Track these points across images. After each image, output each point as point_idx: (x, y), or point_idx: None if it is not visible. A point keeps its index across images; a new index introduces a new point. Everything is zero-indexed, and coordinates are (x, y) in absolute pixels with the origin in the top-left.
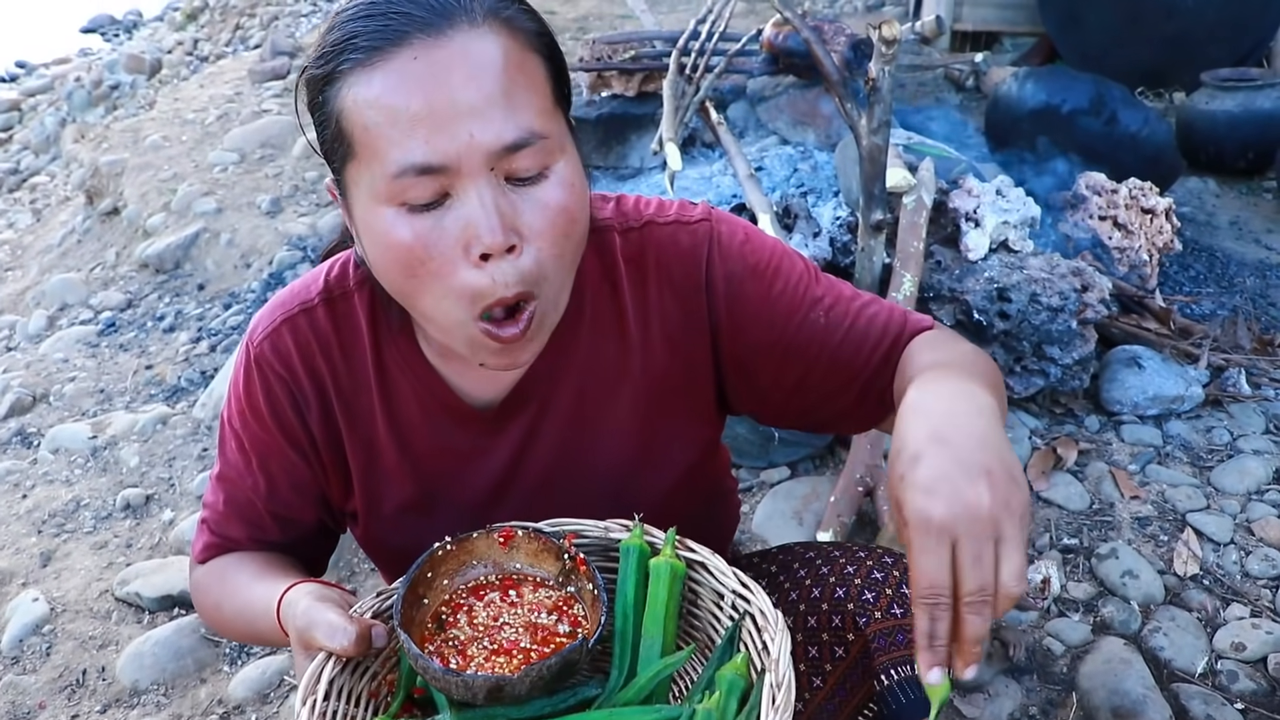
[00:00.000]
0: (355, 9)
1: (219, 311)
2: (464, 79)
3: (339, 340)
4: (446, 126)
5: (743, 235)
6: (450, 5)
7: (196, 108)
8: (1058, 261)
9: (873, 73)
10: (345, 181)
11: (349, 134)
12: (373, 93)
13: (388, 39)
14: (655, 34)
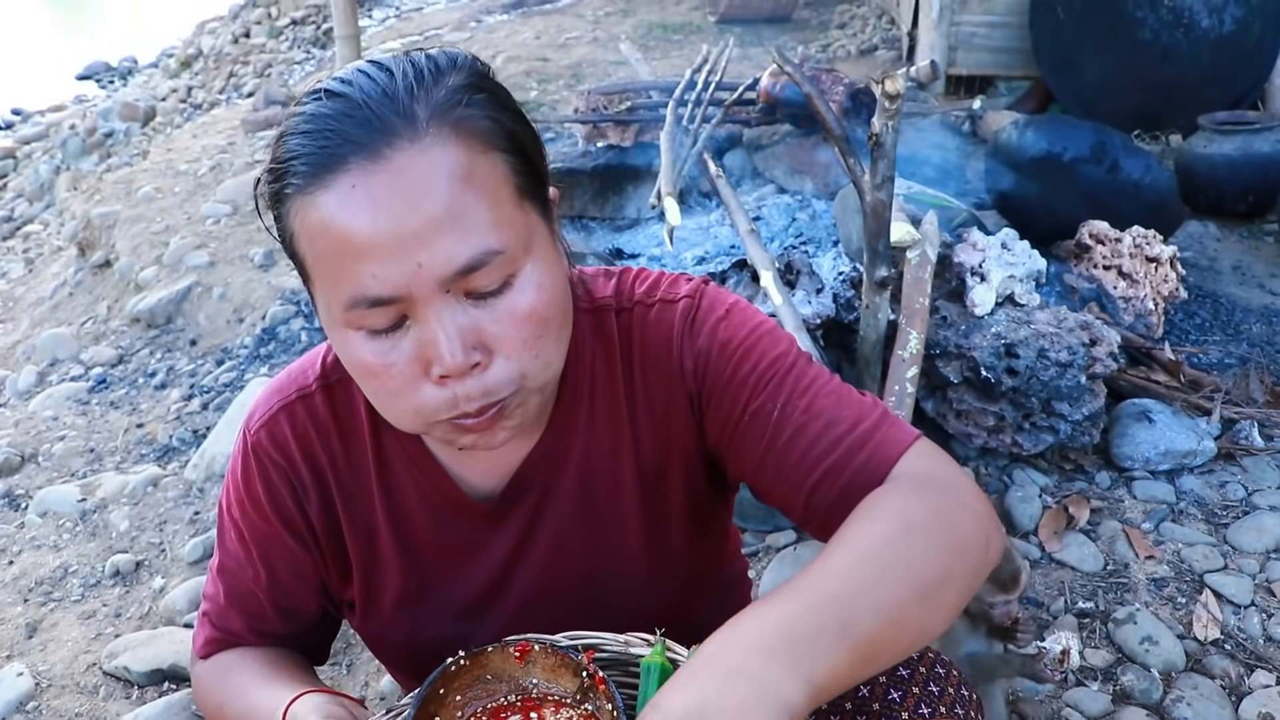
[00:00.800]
0: (299, 120)
1: (211, 368)
2: (406, 206)
3: (338, 428)
4: (393, 258)
5: (723, 312)
6: (389, 120)
7: (189, 158)
8: (1065, 315)
9: (876, 128)
10: (310, 292)
11: (302, 258)
12: (315, 223)
13: (325, 164)
14: (651, 84)
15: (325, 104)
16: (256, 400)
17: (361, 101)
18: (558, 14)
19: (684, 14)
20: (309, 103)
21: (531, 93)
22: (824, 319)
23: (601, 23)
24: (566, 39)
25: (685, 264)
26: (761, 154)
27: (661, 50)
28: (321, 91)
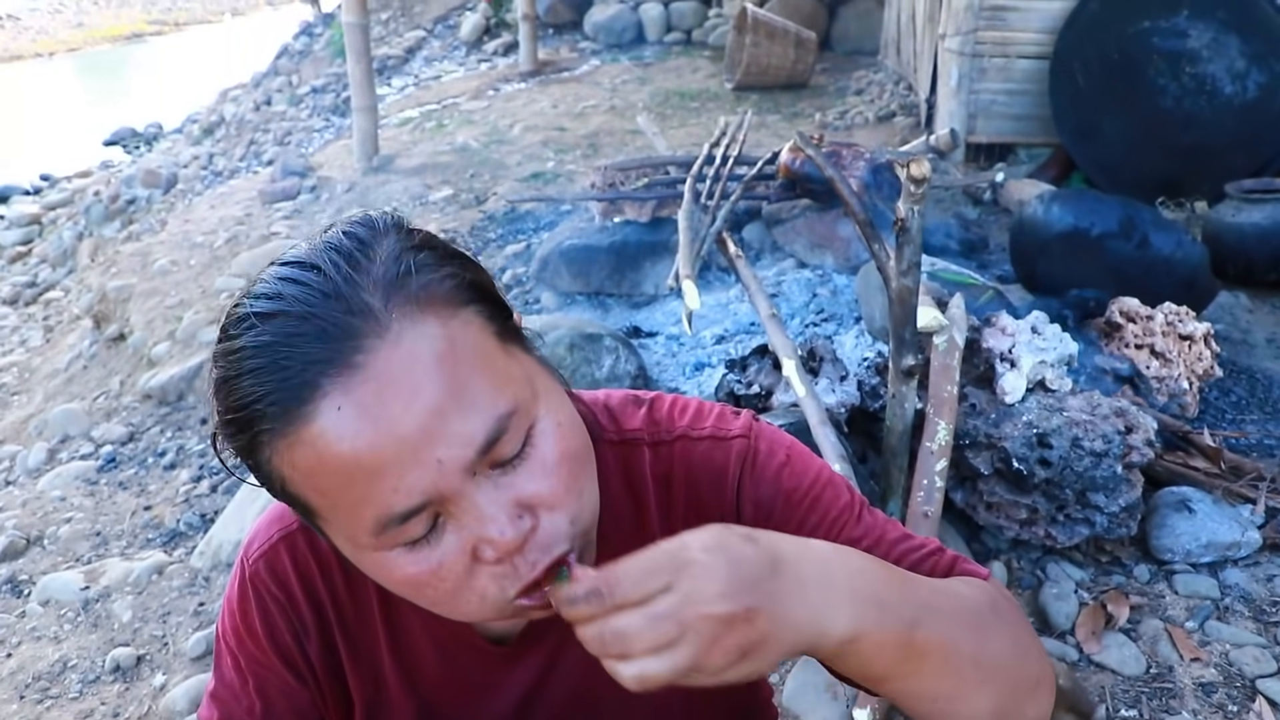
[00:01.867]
0: (238, 361)
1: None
2: (403, 408)
3: (340, 561)
4: (410, 465)
5: (783, 456)
6: (345, 323)
7: (206, 229)
8: (1098, 401)
9: (901, 212)
10: (319, 529)
11: (303, 499)
12: (310, 460)
13: (296, 398)
14: (668, 159)
15: (263, 330)
16: (256, 527)
17: (304, 315)
18: (575, 82)
19: (701, 81)
20: (241, 334)
21: (549, 163)
22: (849, 408)
23: (619, 91)
24: (584, 107)
25: (704, 342)
26: (781, 228)
27: (679, 119)
28: (250, 317)
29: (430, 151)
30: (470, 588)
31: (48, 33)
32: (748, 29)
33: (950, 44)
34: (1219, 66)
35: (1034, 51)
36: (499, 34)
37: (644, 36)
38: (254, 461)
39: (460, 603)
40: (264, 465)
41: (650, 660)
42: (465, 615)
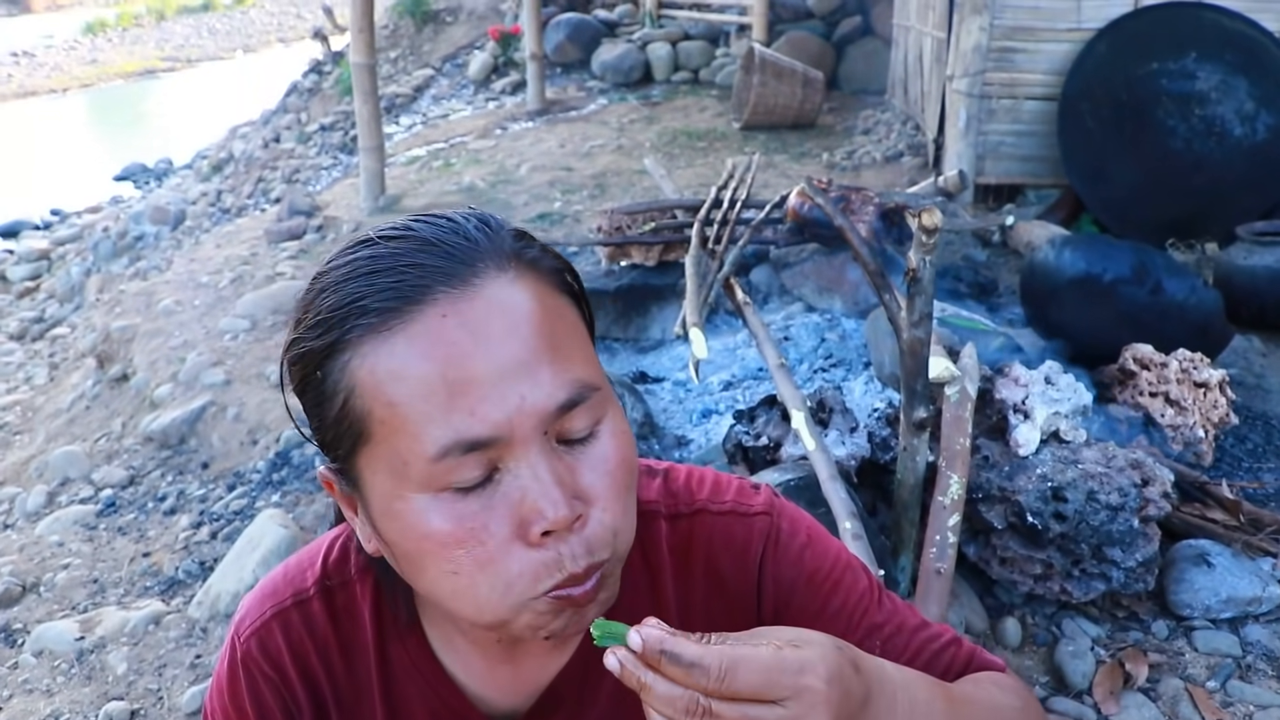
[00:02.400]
0: (351, 266)
1: (222, 493)
2: (504, 333)
3: (338, 639)
4: (493, 392)
5: (805, 537)
6: (471, 250)
7: (211, 269)
8: (1114, 452)
9: (913, 263)
10: (355, 469)
11: (364, 414)
12: (396, 362)
13: (406, 297)
14: (675, 202)
15: (385, 246)
16: (247, 603)
17: (433, 238)
18: (582, 121)
19: (708, 121)
20: (360, 249)
21: (555, 203)
22: (859, 460)
23: (626, 130)
24: (591, 147)
25: (711, 388)
26: (789, 271)
27: (686, 158)
28: (372, 239)
29: (437, 191)
30: (503, 565)
31: (62, 69)
32: (755, 69)
33: (958, 85)
34: (1228, 108)
35: (1042, 93)
36: (507, 73)
37: (651, 76)
38: (324, 370)
39: (484, 582)
40: (335, 372)
41: None
42: (482, 602)
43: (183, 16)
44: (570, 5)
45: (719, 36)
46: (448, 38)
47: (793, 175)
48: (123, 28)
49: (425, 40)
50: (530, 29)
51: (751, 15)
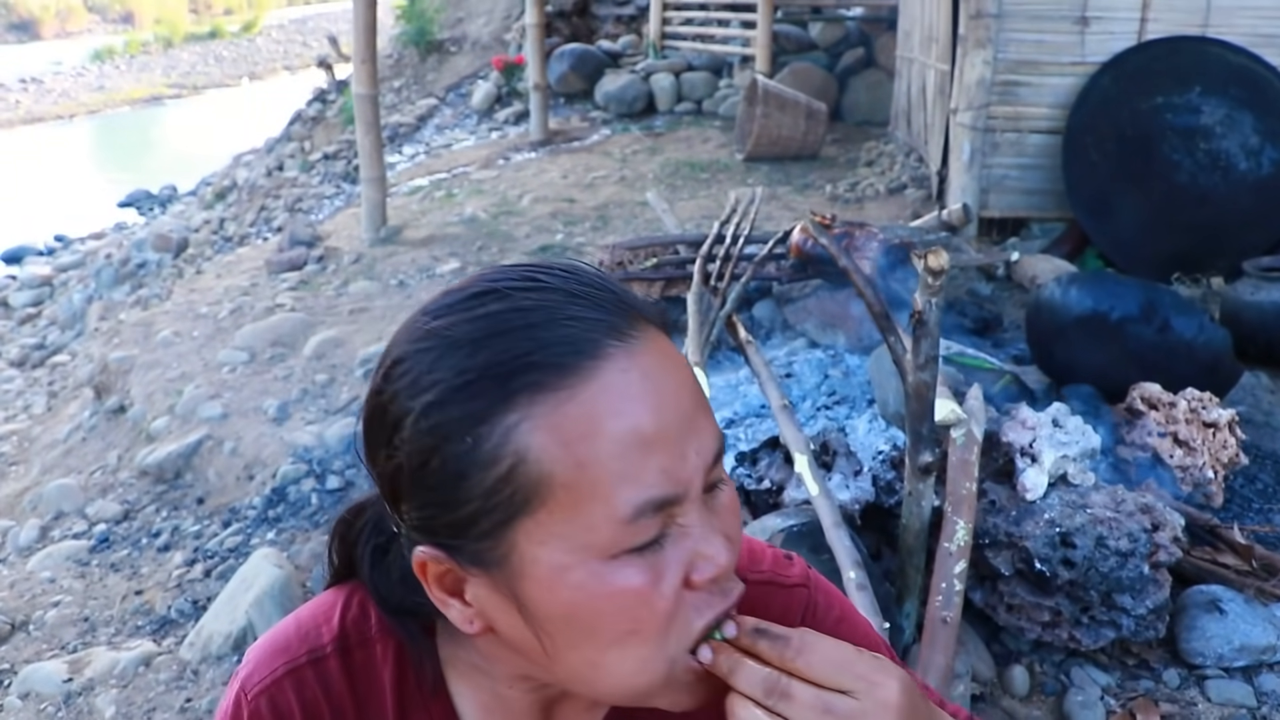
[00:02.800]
0: (490, 321)
1: (217, 530)
2: (675, 387)
3: (354, 701)
4: (676, 447)
5: (839, 611)
6: (618, 302)
7: (211, 300)
8: (1123, 496)
9: (918, 304)
10: (503, 545)
11: (539, 480)
12: (585, 422)
13: (580, 352)
14: (677, 238)
15: (526, 298)
16: (255, 658)
17: (574, 290)
18: (585, 151)
19: (711, 152)
20: (490, 301)
21: (557, 235)
22: (862, 504)
23: (629, 161)
24: (594, 178)
25: None
26: (792, 306)
27: (689, 190)
28: (500, 290)
29: (439, 222)
30: (677, 621)
31: (69, 95)
32: (758, 100)
33: (962, 118)
34: (1233, 143)
35: (1047, 126)
36: (510, 103)
37: (655, 106)
38: (477, 437)
39: (662, 640)
40: (496, 438)
41: None
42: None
43: (190, 44)
44: (574, 36)
45: (722, 67)
46: (452, 67)
47: (796, 207)
48: (130, 55)
49: (429, 70)
50: (533, 60)
51: (755, 46)
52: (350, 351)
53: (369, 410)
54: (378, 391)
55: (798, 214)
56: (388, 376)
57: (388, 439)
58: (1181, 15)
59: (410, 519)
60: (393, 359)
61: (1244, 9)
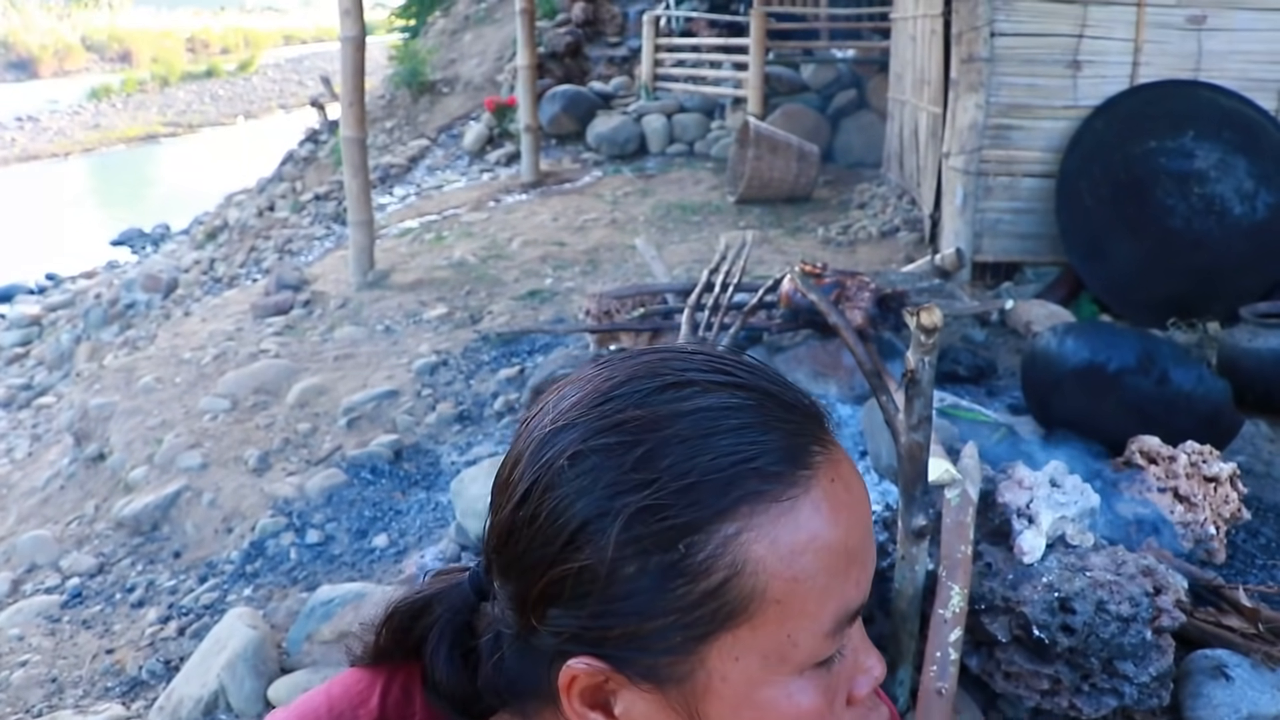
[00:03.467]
0: (700, 419)
1: (193, 585)
2: (864, 494)
3: None
4: (866, 556)
5: None
6: (811, 401)
7: (195, 345)
8: (1123, 558)
9: (911, 363)
10: (694, 659)
11: (752, 594)
12: (803, 534)
13: (796, 460)
14: (665, 286)
15: (732, 395)
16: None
17: (772, 390)
18: (576, 194)
19: (703, 194)
20: (695, 396)
21: (546, 280)
22: None
23: (620, 204)
24: (584, 220)
25: None
26: (783, 355)
27: (680, 233)
28: (697, 383)
29: (427, 266)
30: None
31: (65, 133)
32: (750, 142)
33: (955, 163)
34: (1227, 187)
35: (1040, 170)
36: (502, 144)
37: (647, 148)
38: (692, 545)
39: None
40: (713, 547)
41: None
42: None
43: (186, 83)
44: (566, 77)
45: (714, 109)
46: (444, 108)
47: (788, 251)
48: (127, 93)
49: (421, 111)
50: (525, 101)
51: (747, 88)
52: (334, 399)
53: (528, 510)
54: (549, 486)
55: (790, 257)
56: (563, 472)
57: (565, 542)
58: (1173, 59)
59: (565, 627)
60: (571, 451)
61: (1235, 53)
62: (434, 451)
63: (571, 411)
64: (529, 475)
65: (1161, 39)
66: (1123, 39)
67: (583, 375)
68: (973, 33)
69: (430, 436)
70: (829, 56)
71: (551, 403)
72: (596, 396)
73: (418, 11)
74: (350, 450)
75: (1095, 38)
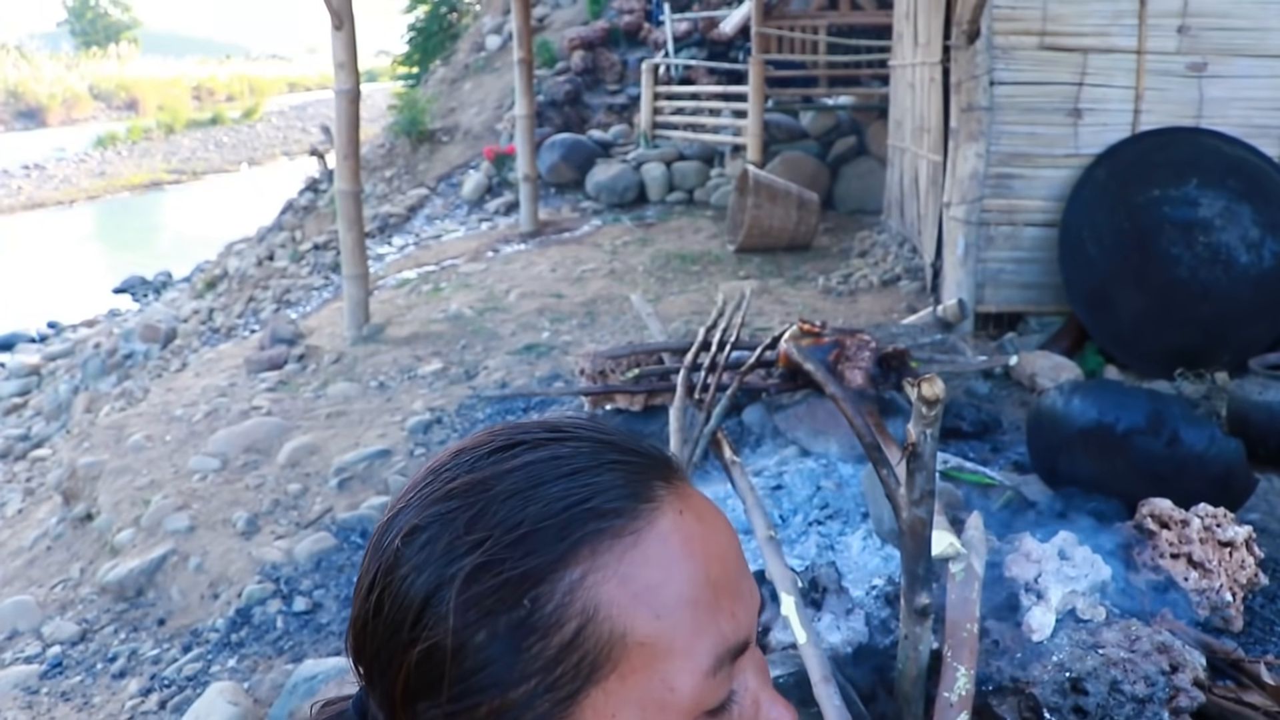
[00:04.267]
0: (532, 470)
1: (176, 654)
2: (726, 526)
3: None
4: (737, 588)
5: None
6: (649, 446)
7: (187, 401)
8: (1137, 633)
9: (912, 436)
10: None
11: (613, 639)
12: (654, 568)
13: (637, 494)
14: (661, 345)
15: (563, 446)
16: None
17: (600, 439)
18: (575, 243)
19: (702, 243)
20: (523, 451)
21: (543, 333)
22: (855, 645)
23: (619, 253)
24: (583, 271)
25: None
26: (782, 414)
27: (679, 284)
28: (525, 442)
29: (423, 319)
30: None
31: (70, 181)
32: (749, 191)
33: (956, 213)
34: (1233, 235)
35: (1042, 219)
36: (501, 193)
37: (646, 196)
38: (537, 597)
39: None
40: (559, 596)
41: None
42: None
43: (192, 130)
44: (565, 125)
45: (714, 157)
46: (443, 157)
47: (788, 301)
48: (132, 141)
49: (421, 159)
50: (523, 151)
51: (746, 135)
52: (325, 459)
53: (373, 599)
54: (389, 570)
55: (790, 308)
56: (400, 552)
57: (410, 623)
58: (1174, 107)
59: (434, 717)
60: (406, 528)
61: (1236, 100)
62: None
63: (407, 493)
64: (372, 565)
65: (1163, 86)
66: (1123, 86)
67: (426, 463)
68: (972, 81)
69: None
70: (827, 104)
71: (396, 497)
72: (428, 474)
73: (420, 59)
74: (341, 513)
75: (1096, 85)
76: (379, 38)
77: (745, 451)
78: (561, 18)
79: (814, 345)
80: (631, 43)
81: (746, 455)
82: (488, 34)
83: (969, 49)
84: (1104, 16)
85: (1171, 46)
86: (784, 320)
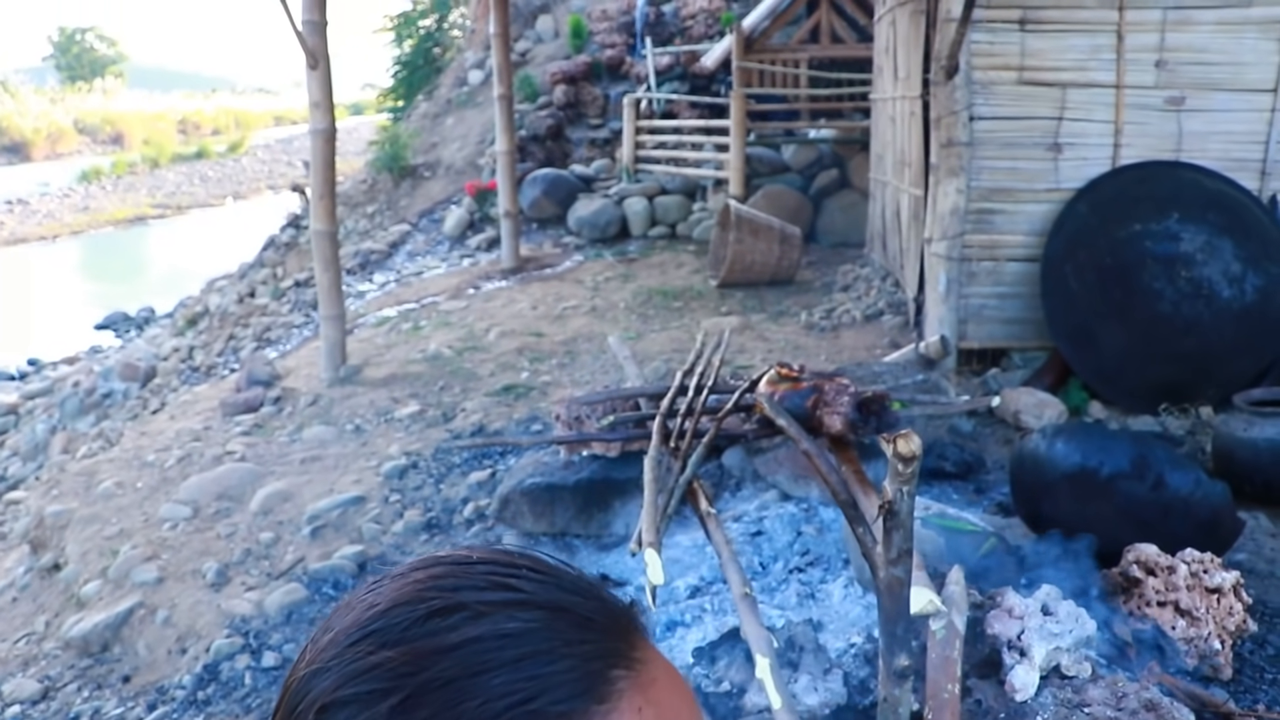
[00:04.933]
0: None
1: (141, 713)
2: (690, 711)
3: None
4: None
5: None
6: (615, 610)
7: (160, 446)
8: (1124, 689)
9: (889, 494)
10: None
11: None
12: None
13: (590, 691)
14: (637, 390)
15: (509, 620)
16: None
17: (564, 603)
18: (556, 280)
19: (685, 278)
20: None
21: (523, 373)
22: (834, 706)
23: (600, 289)
24: (564, 308)
25: (677, 594)
26: (762, 457)
27: (661, 320)
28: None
29: (402, 359)
30: None
31: (54, 216)
32: (732, 226)
33: (937, 249)
34: (1214, 270)
35: (1024, 254)
36: (483, 228)
37: (628, 231)
38: None
39: None
40: None
41: None
42: None
43: (177, 164)
44: (547, 160)
45: (696, 190)
46: (425, 193)
47: (770, 338)
48: (117, 175)
49: (403, 195)
50: (504, 188)
51: (728, 169)
52: (298, 506)
53: None
54: None
55: (772, 345)
56: None
57: None
58: (1154, 140)
59: None
60: (319, 704)
61: (1215, 134)
62: (399, 564)
63: (328, 650)
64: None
65: (1142, 120)
66: (1103, 121)
67: (352, 600)
68: (951, 117)
69: (397, 547)
70: (809, 137)
71: (319, 632)
72: (354, 630)
73: (405, 93)
74: (313, 563)
75: (1075, 120)
76: (366, 70)
77: (725, 496)
78: (544, 52)
79: (792, 390)
80: (614, 77)
81: (726, 499)
82: (470, 69)
83: (948, 84)
84: (1082, 51)
85: (1150, 81)
86: (765, 358)
